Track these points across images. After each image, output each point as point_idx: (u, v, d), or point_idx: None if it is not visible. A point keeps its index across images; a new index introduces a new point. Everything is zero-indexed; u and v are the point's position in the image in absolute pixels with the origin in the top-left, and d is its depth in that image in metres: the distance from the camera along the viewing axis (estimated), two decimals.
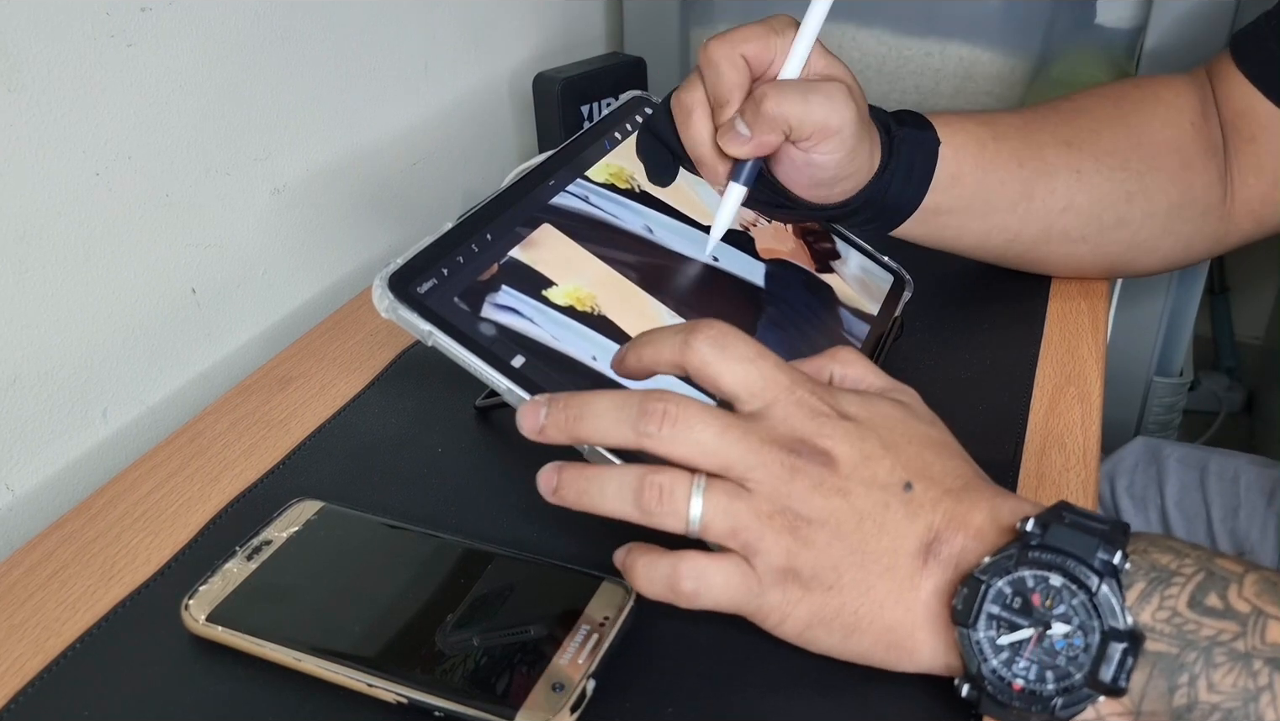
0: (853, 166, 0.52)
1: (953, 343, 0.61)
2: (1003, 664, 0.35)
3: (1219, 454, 0.82)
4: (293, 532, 0.45)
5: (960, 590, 0.36)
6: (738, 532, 0.37)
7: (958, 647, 0.36)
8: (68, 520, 0.50)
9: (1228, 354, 1.73)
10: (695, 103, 0.51)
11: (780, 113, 0.48)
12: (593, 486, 0.38)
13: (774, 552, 0.37)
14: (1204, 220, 0.62)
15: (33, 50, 0.51)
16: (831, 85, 0.50)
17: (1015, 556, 0.36)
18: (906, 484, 0.38)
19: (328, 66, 0.70)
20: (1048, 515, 0.36)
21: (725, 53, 0.50)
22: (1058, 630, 0.35)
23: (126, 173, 0.57)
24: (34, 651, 0.42)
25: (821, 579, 0.37)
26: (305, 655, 0.39)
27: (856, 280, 0.54)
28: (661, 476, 0.37)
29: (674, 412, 0.37)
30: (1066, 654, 0.35)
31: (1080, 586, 0.35)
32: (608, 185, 0.52)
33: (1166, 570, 0.35)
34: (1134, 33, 0.88)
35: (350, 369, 0.61)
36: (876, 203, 0.55)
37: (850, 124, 0.50)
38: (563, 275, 0.48)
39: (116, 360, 0.59)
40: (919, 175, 0.56)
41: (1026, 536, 0.36)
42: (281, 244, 0.69)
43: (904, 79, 0.93)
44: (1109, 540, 0.35)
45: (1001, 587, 0.36)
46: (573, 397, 0.39)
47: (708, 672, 0.40)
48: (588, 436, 0.38)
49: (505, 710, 0.37)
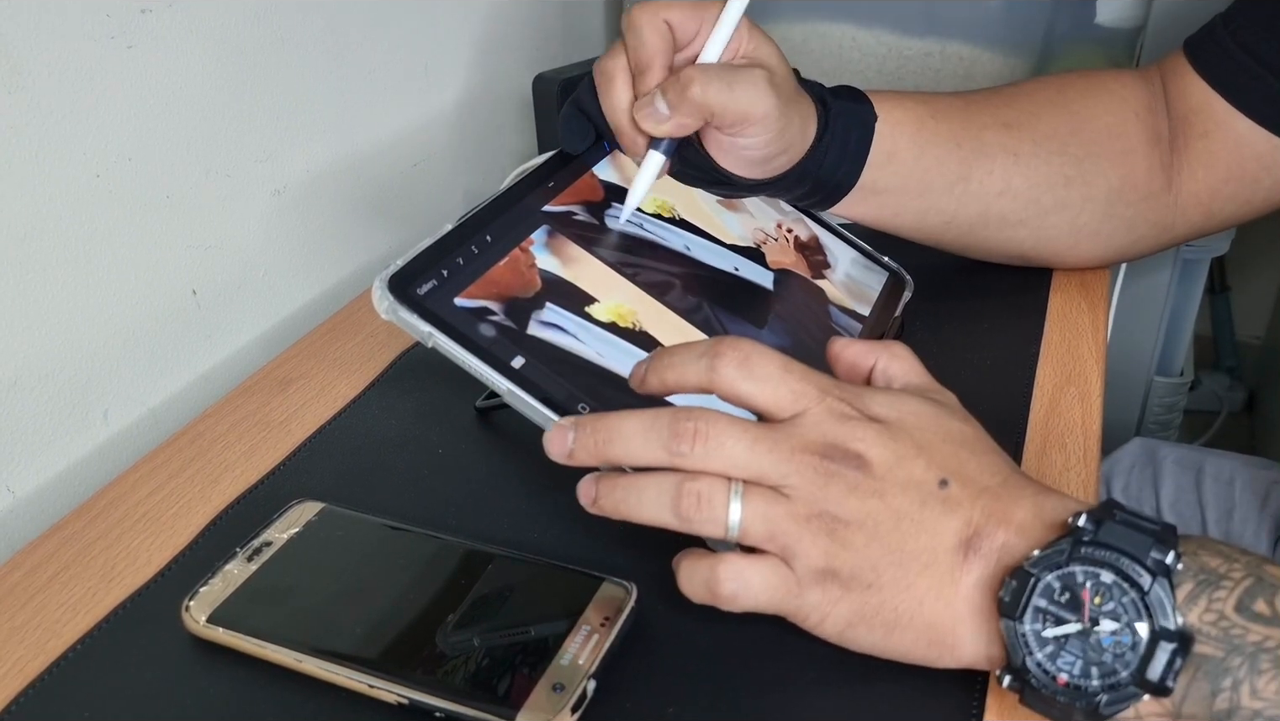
0: (782, 144, 0.52)
1: (953, 342, 0.61)
2: (1047, 657, 0.35)
3: (1215, 455, 0.82)
4: (293, 534, 0.45)
5: (1009, 582, 0.36)
6: (776, 536, 0.37)
7: (1000, 639, 0.36)
8: (68, 522, 0.50)
9: (1228, 353, 1.73)
10: (616, 69, 0.51)
11: (704, 100, 0.48)
12: (630, 496, 0.38)
13: (812, 554, 0.37)
14: (1146, 205, 0.62)
15: (33, 52, 0.51)
16: (755, 73, 0.49)
17: (1067, 551, 0.35)
18: (942, 481, 0.38)
19: (328, 68, 0.70)
20: (1100, 511, 0.36)
21: (648, 18, 0.49)
22: (1105, 626, 0.35)
23: (127, 174, 0.57)
24: (35, 653, 0.42)
25: (861, 578, 0.37)
26: (306, 656, 0.39)
27: (844, 285, 0.59)
28: (699, 484, 0.37)
29: (704, 430, 0.37)
30: (1113, 650, 0.35)
31: (1132, 584, 0.35)
32: (655, 214, 0.55)
33: (1216, 573, 0.35)
34: (1134, 33, 0.88)
35: (350, 370, 0.61)
36: (812, 176, 0.55)
37: (773, 110, 0.50)
38: (602, 291, 0.49)
39: (117, 362, 0.59)
40: (855, 150, 0.56)
41: (1079, 532, 0.36)
42: (282, 245, 0.69)
43: (904, 79, 0.93)
44: (1162, 540, 0.35)
45: (1051, 582, 0.35)
46: (599, 420, 0.39)
47: (708, 673, 0.40)
48: (618, 458, 0.39)
49: (506, 710, 0.37)
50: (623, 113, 0.51)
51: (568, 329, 0.47)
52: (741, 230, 0.58)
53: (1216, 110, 0.60)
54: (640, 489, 0.38)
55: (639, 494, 0.38)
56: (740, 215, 0.58)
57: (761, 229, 0.59)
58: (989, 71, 0.91)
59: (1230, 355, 1.74)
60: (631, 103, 0.50)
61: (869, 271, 0.62)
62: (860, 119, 0.56)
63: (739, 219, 0.58)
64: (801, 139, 0.53)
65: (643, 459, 0.38)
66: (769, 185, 0.55)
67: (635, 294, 0.51)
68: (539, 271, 0.49)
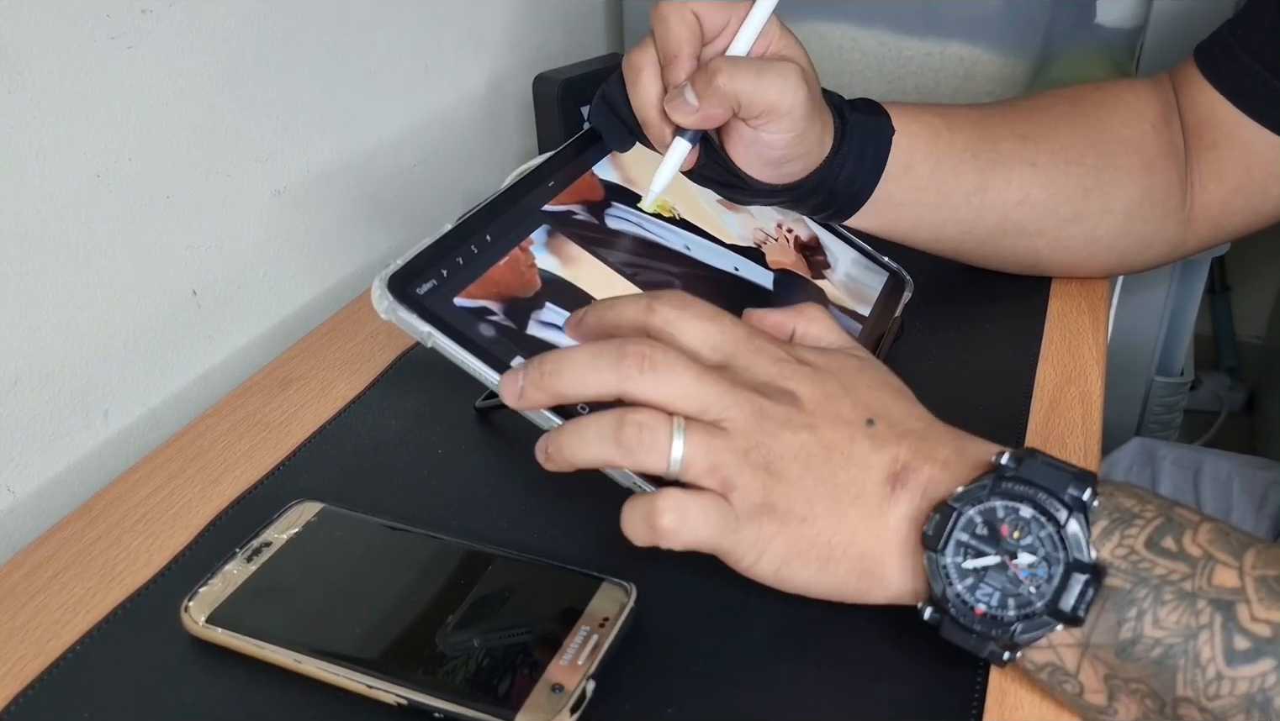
0: (802, 148, 0.52)
1: (953, 342, 0.61)
2: (967, 589, 0.37)
3: (1213, 455, 0.82)
4: (293, 534, 0.46)
5: (933, 516, 0.37)
6: (717, 469, 0.37)
7: (925, 573, 0.37)
8: (68, 522, 0.50)
9: (1228, 353, 1.73)
10: (645, 62, 0.51)
11: (732, 88, 0.48)
12: (574, 438, 0.38)
13: (751, 488, 0.38)
14: (1164, 222, 0.62)
15: (34, 52, 0.51)
16: (786, 65, 0.49)
17: (989, 486, 0.37)
18: (869, 420, 0.40)
19: (328, 68, 0.70)
20: (1022, 451, 0.37)
21: (675, 9, 0.49)
22: (1023, 559, 0.36)
23: (127, 174, 0.57)
24: (35, 653, 0.42)
25: (795, 511, 0.38)
26: (305, 657, 0.40)
27: (844, 285, 0.59)
28: (641, 415, 0.37)
29: (653, 356, 0.38)
30: (1030, 583, 0.36)
31: (1049, 519, 0.36)
32: (655, 214, 0.55)
33: (1129, 512, 0.37)
34: (1134, 33, 0.88)
35: (350, 370, 0.61)
36: (827, 186, 0.55)
37: (801, 105, 0.50)
38: (601, 291, 0.49)
39: (117, 362, 0.59)
40: (871, 162, 0.56)
41: (1001, 469, 0.37)
42: (282, 245, 0.69)
43: (904, 79, 0.93)
44: (1080, 478, 0.36)
45: (972, 516, 0.37)
46: (547, 355, 0.39)
47: (708, 673, 0.40)
48: (566, 389, 0.39)
49: (505, 711, 0.37)
50: (651, 105, 0.51)
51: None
52: (742, 230, 0.58)
53: (1225, 118, 0.60)
54: (583, 429, 0.38)
55: (581, 434, 0.38)
56: (740, 215, 0.59)
57: (762, 229, 0.59)
58: (989, 72, 0.91)
59: (1230, 355, 1.74)
60: (660, 95, 0.51)
61: (869, 272, 0.62)
62: (878, 132, 0.56)
63: (739, 219, 0.58)
64: (819, 148, 0.53)
65: (590, 386, 0.38)
66: (783, 193, 0.55)
67: (634, 293, 0.51)
68: (539, 271, 0.49)
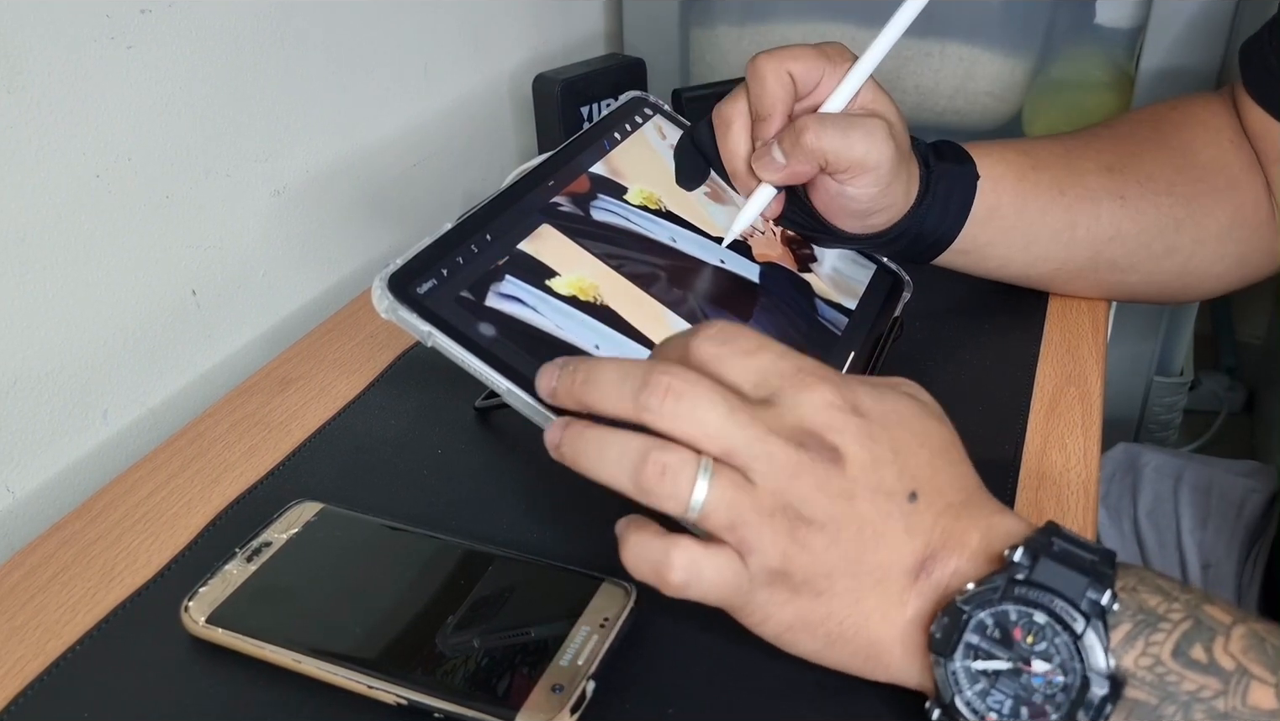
0: (887, 200, 0.52)
1: (953, 342, 0.61)
2: (977, 695, 0.34)
3: (1196, 462, 0.82)
4: (293, 534, 0.45)
5: (941, 618, 0.35)
6: (737, 527, 0.35)
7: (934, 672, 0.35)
8: (68, 522, 0.50)
9: (1228, 353, 1.73)
10: (736, 114, 0.52)
11: (819, 146, 0.49)
12: (592, 449, 0.35)
13: (770, 553, 0.35)
14: (1257, 237, 0.61)
15: (33, 52, 0.51)
16: (873, 122, 0.50)
17: (1001, 589, 0.34)
18: (912, 494, 0.36)
19: (328, 68, 0.70)
20: (1036, 543, 0.35)
21: (772, 66, 0.50)
22: (1038, 667, 0.34)
23: (127, 174, 0.57)
24: (35, 653, 0.42)
25: (813, 585, 0.35)
26: (305, 657, 0.39)
27: (830, 279, 0.59)
28: (668, 455, 0.34)
29: (679, 388, 0.34)
30: (1044, 691, 0.34)
31: (1065, 627, 0.34)
32: (642, 207, 0.55)
33: (1154, 614, 0.34)
34: (1134, 33, 0.88)
35: (350, 370, 0.61)
36: (912, 235, 0.56)
37: (887, 161, 0.50)
38: (566, 267, 0.49)
39: (117, 361, 0.59)
40: (956, 209, 0.56)
41: (1014, 568, 0.35)
42: (282, 245, 0.69)
43: (904, 79, 0.93)
44: (1099, 577, 0.34)
45: (983, 619, 0.34)
46: (584, 362, 0.37)
47: (708, 673, 0.40)
48: (591, 402, 0.36)
49: (505, 711, 0.37)
50: (739, 159, 0.53)
51: (526, 300, 0.47)
52: (728, 223, 0.58)
53: (1276, 135, 0.59)
54: (604, 444, 0.35)
55: (601, 449, 0.35)
56: (727, 208, 0.58)
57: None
58: (989, 71, 0.91)
59: (1230, 355, 1.73)
60: (748, 150, 0.52)
61: (856, 265, 0.62)
62: (962, 179, 0.56)
63: (725, 212, 0.58)
64: (904, 199, 0.54)
65: (610, 406, 0.35)
66: (868, 239, 0.56)
67: (600, 269, 0.50)
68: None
